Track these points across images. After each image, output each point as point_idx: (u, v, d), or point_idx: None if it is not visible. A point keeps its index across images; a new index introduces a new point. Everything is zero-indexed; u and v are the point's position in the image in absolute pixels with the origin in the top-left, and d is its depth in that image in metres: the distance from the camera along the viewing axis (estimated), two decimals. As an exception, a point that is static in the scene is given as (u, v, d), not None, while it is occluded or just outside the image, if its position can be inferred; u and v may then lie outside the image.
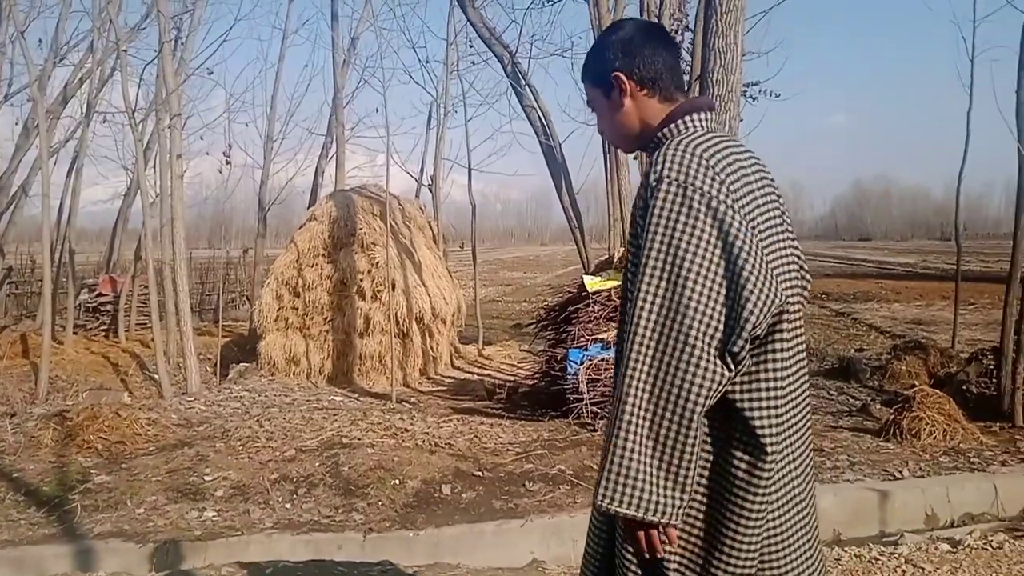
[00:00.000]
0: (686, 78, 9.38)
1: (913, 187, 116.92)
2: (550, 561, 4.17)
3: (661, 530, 1.58)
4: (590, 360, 6.59)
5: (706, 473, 1.63)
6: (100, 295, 12.54)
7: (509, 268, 40.04)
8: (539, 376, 7.63)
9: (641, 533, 1.58)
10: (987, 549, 3.96)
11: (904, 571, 3.71)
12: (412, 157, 46.33)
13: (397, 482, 5.02)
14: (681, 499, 1.55)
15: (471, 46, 12.80)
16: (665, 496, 1.54)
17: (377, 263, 9.22)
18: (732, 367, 1.54)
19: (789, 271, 1.71)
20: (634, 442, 1.54)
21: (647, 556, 1.60)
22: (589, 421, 6.35)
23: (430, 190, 13.39)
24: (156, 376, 8.42)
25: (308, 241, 9.56)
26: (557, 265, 41.65)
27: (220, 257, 18.12)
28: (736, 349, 1.53)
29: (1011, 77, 6.96)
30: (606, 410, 5.94)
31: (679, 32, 10.42)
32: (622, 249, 7.47)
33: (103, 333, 12.04)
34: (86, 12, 11.97)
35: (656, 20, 8.60)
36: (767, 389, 1.62)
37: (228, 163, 11.67)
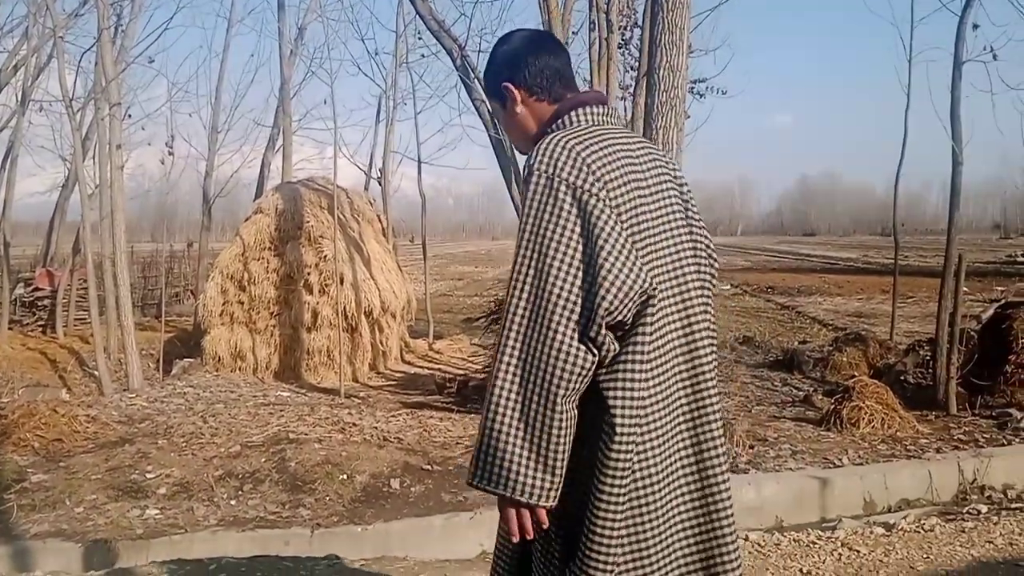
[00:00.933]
0: (634, 73, 9.49)
1: (857, 184, 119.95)
2: (499, 553, 4.18)
3: (532, 511, 1.61)
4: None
5: (583, 455, 1.64)
6: (37, 289, 12.16)
7: (460, 262, 39.95)
8: (490, 369, 7.64)
9: (512, 513, 1.62)
10: (919, 532, 4.09)
11: (840, 554, 3.82)
12: (361, 150, 45.81)
13: (345, 477, 4.99)
14: (551, 481, 1.58)
15: (420, 39, 12.71)
16: (535, 478, 1.58)
17: (325, 257, 9.12)
18: (596, 352, 1.57)
19: (673, 258, 1.74)
20: (504, 424, 1.58)
21: (517, 537, 1.64)
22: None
23: (379, 183, 13.27)
24: (96, 372, 8.20)
25: (254, 234, 9.41)
26: (509, 260, 41.59)
27: (163, 251, 17.73)
28: (592, 334, 1.56)
29: (946, 78, 7.19)
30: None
31: (628, 28, 10.51)
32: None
33: (40, 329, 11.67)
34: (21, -3, 11.56)
35: (605, 16, 8.66)
36: (628, 375, 1.62)
37: (171, 154, 11.43)
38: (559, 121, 1.80)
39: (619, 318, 1.59)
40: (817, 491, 4.92)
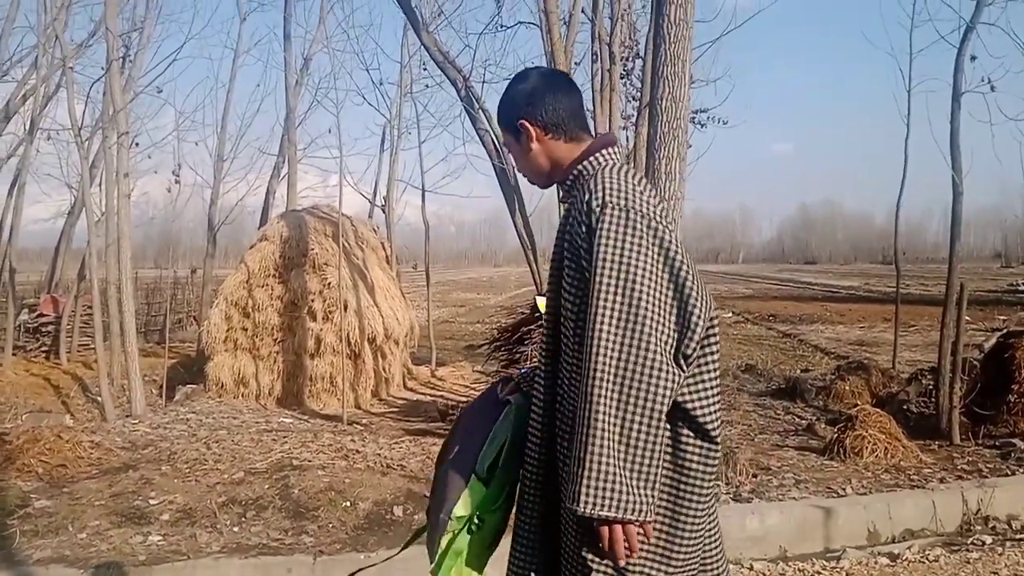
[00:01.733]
0: (636, 104, 9.59)
1: (857, 212, 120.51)
2: (502, 581, 4.16)
3: (637, 528, 1.70)
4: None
5: (665, 468, 1.77)
6: (41, 315, 12.21)
7: (463, 289, 40.01)
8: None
9: (620, 534, 1.68)
10: (924, 562, 4.08)
11: (846, 585, 3.81)
12: (365, 178, 46.14)
13: (348, 504, 4.98)
14: (653, 496, 1.69)
15: (424, 69, 12.89)
16: (640, 495, 1.67)
17: (329, 284, 9.16)
18: (684, 368, 1.71)
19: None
20: (607, 447, 1.65)
21: (626, 555, 1.71)
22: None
23: (383, 211, 13.37)
24: (99, 398, 8.21)
25: (259, 261, 9.46)
26: (510, 286, 41.75)
27: (167, 277, 17.81)
28: (689, 352, 1.71)
29: (946, 108, 7.26)
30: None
31: (630, 59, 10.65)
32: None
33: (44, 355, 11.70)
34: (31, 28, 11.70)
35: (607, 47, 8.78)
36: (708, 388, 1.79)
37: (177, 182, 11.52)
38: (592, 158, 1.91)
39: (702, 335, 1.74)
40: (821, 521, 4.91)
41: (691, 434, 1.77)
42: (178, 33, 17.42)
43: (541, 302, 7.25)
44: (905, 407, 7.65)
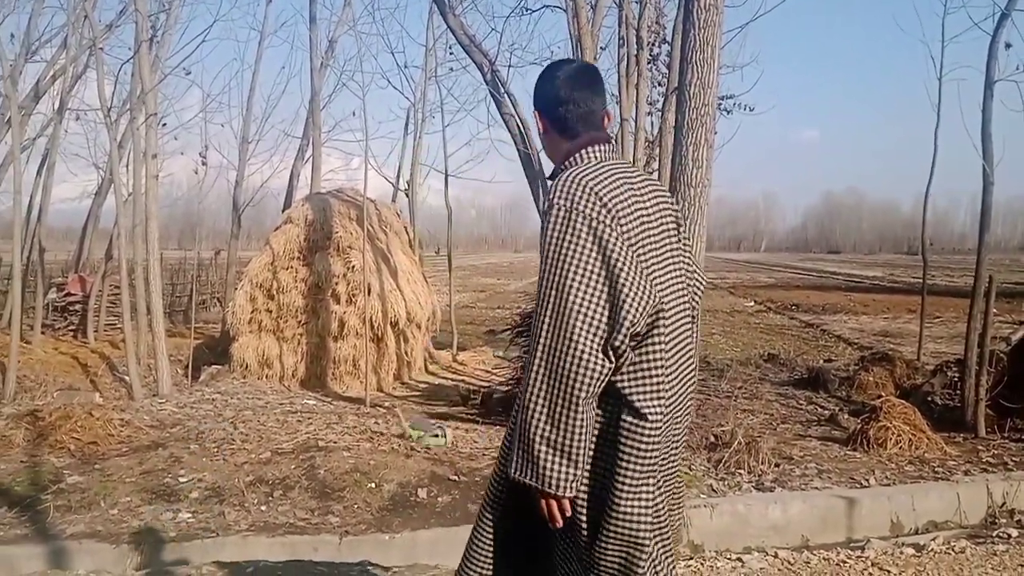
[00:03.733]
0: (662, 89, 9.53)
1: (882, 201, 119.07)
2: (525, 564, 4.20)
3: (559, 502, 1.85)
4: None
5: (597, 448, 1.90)
6: (69, 295, 12.38)
7: (483, 274, 40.07)
8: (514, 382, 7.67)
9: (543, 502, 1.87)
10: (950, 553, 4.07)
11: (871, 574, 3.81)
12: (389, 161, 46.17)
13: (373, 485, 5.04)
14: (574, 473, 1.83)
15: (451, 52, 12.82)
16: (560, 471, 1.82)
17: (353, 267, 9.22)
18: (613, 359, 1.82)
19: (672, 278, 2.01)
20: (535, 425, 1.83)
21: (559, 523, 1.88)
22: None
23: (407, 195, 13.39)
24: (126, 377, 8.33)
25: (283, 244, 9.53)
26: (531, 272, 41.72)
27: (191, 258, 17.95)
28: (617, 343, 1.81)
29: (977, 96, 7.16)
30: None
31: (657, 44, 10.57)
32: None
33: (71, 333, 11.88)
34: (61, 7, 11.79)
35: (635, 32, 8.72)
36: (649, 374, 1.88)
37: (204, 164, 11.59)
38: (571, 158, 2.04)
39: (637, 329, 1.83)
40: (844, 511, 4.90)
41: (628, 415, 1.87)
42: (205, 14, 17.61)
43: None
44: (930, 399, 7.60)
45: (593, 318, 1.79)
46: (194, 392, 8.28)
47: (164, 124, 10.21)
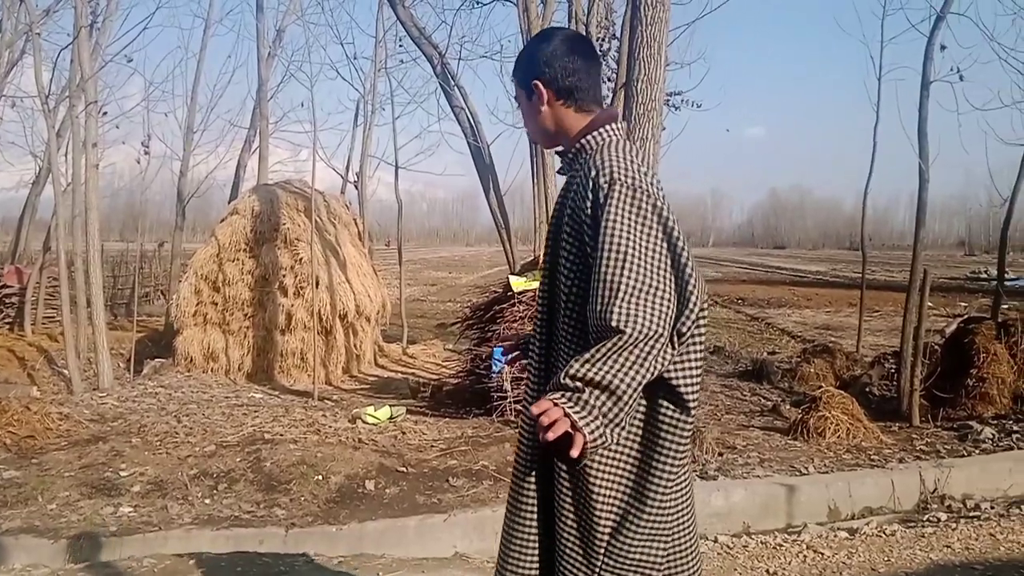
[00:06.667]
0: (611, 84, 9.62)
1: (826, 198, 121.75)
2: (473, 554, 4.24)
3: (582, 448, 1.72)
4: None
5: (639, 429, 1.84)
6: (5, 286, 12.00)
7: (434, 268, 39.92)
8: (464, 374, 7.68)
9: (579, 441, 1.70)
10: (881, 536, 4.22)
11: (805, 556, 3.93)
12: (338, 153, 45.65)
13: (320, 478, 5.01)
14: (609, 438, 1.71)
15: (400, 45, 12.75)
16: (600, 429, 1.68)
17: (300, 259, 9.13)
18: (676, 346, 1.75)
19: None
20: (598, 383, 1.68)
21: (551, 436, 1.69)
22: (513, 419, 6.44)
23: (356, 187, 13.27)
24: (65, 371, 8.12)
25: (229, 235, 9.39)
26: (482, 266, 41.74)
27: (134, 250, 17.51)
28: (684, 330, 1.74)
29: (915, 96, 7.38)
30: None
31: (606, 40, 10.65)
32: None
33: (7, 326, 11.52)
34: (-5, -9, 11.38)
35: (584, 27, 8.78)
36: (692, 364, 1.82)
37: (147, 153, 11.30)
38: (596, 133, 1.92)
39: (699, 315, 1.78)
40: (784, 498, 5.03)
41: (669, 405, 1.82)
42: (148, 0, 17.07)
43: (514, 281, 7.29)
44: (868, 390, 7.83)
45: (669, 302, 1.72)
46: (136, 386, 8.12)
47: (105, 113, 9.90)
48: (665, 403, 1.83)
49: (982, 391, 7.00)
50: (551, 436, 1.68)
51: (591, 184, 1.81)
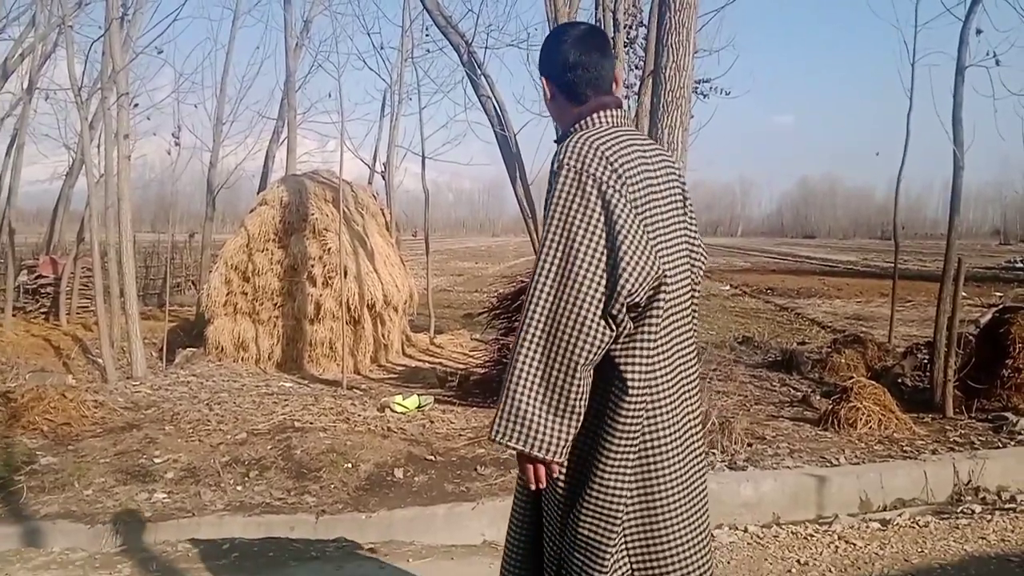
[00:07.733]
0: (639, 72, 9.54)
1: (857, 187, 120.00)
2: (501, 542, 4.24)
3: (547, 465, 1.83)
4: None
5: (591, 417, 1.87)
6: (40, 277, 12.22)
7: (460, 258, 40.00)
8: (491, 364, 7.70)
9: (530, 466, 1.85)
10: (914, 527, 4.17)
11: (837, 546, 3.90)
12: (365, 144, 45.89)
13: (350, 465, 5.06)
14: (565, 439, 1.80)
15: (427, 34, 12.74)
16: (550, 436, 1.79)
17: (329, 249, 9.18)
18: (613, 328, 1.79)
19: (677, 251, 1.96)
20: (527, 388, 1.79)
21: (533, 487, 1.87)
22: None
23: (383, 177, 13.33)
24: (100, 360, 8.26)
25: (259, 226, 9.47)
26: (509, 256, 41.75)
27: (165, 241, 17.75)
28: (614, 312, 1.77)
29: (949, 82, 7.23)
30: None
31: (633, 27, 10.55)
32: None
33: (43, 316, 11.74)
34: (28, -16, 11.55)
35: (611, 14, 8.71)
36: (641, 348, 1.85)
37: (177, 145, 11.44)
38: (582, 121, 1.98)
39: (636, 300, 1.80)
40: (814, 489, 4.99)
41: (618, 385, 1.85)
42: (177, -7, 17.17)
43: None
44: (900, 380, 7.73)
45: (597, 285, 1.76)
46: (169, 375, 8.23)
47: (136, 104, 10.04)
48: (614, 384, 1.86)
49: (1018, 382, 6.87)
50: (540, 485, 1.86)
51: (551, 170, 1.90)
